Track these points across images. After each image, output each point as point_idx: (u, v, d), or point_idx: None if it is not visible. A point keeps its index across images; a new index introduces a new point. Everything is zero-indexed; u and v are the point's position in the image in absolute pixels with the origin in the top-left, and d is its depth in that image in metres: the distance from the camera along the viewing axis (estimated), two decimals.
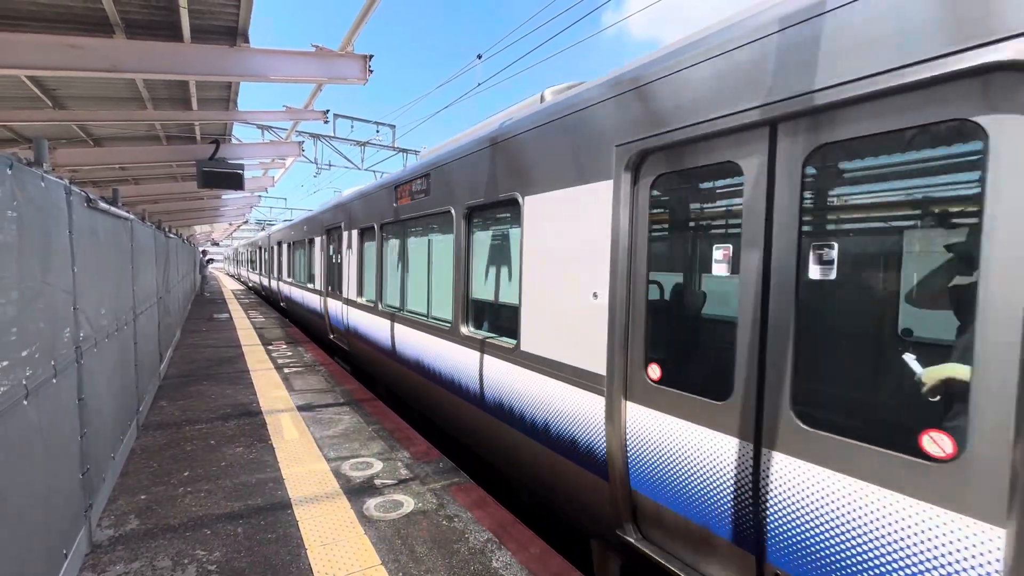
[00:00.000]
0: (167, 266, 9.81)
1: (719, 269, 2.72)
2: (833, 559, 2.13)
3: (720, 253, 2.75)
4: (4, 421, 2.16)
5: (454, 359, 5.26)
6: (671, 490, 2.89)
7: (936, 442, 1.85)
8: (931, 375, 2.01)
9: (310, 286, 12.77)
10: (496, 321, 4.88)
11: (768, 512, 2.38)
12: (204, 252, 36.68)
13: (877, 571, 1.97)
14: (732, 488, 2.54)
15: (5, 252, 2.26)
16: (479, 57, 11.90)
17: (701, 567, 2.78)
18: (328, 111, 9.75)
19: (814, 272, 2.26)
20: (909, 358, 2.11)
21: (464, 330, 5.09)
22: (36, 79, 6.87)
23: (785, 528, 2.31)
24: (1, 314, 2.19)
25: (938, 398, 1.97)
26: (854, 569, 2.05)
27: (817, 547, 2.20)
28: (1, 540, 2.11)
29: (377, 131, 17.22)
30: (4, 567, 2.14)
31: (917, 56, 1.84)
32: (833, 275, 2.23)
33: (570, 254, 3.58)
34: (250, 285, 34.68)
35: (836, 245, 2.24)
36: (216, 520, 3.75)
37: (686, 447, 2.78)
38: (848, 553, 2.08)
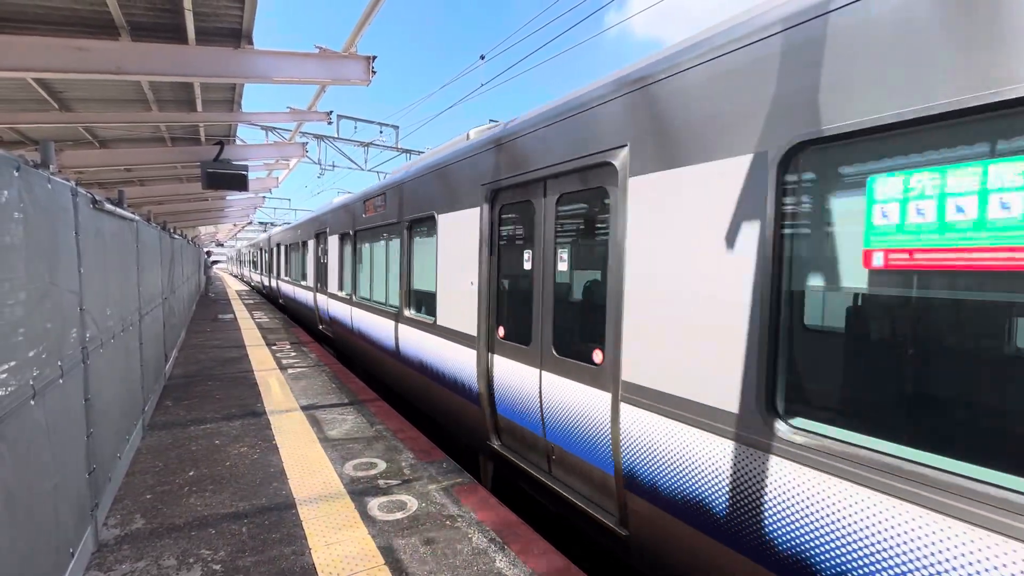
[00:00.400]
0: (172, 267, 9.86)
1: (527, 266, 4.37)
2: (563, 426, 3.86)
3: (527, 255, 4.39)
4: (12, 421, 2.18)
5: (401, 335, 6.90)
6: (510, 408, 4.55)
7: (597, 356, 3.51)
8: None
9: (303, 283, 14.44)
10: (426, 304, 6.32)
11: (544, 408, 4.07)
12: (208, 253, 36.86)
13: (577, 427, 3.69)
14: (531, 398, 4.24)
15: (12, 253, 2.27)
16: (482, 58, 11.92)
17: (524, 454, 4.48)
18: (332, 112, 9.78)
19: (560, 267, 4.00)
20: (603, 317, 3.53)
21: (407, 312, 6.71)
22: (42, 81, 6.92)
23: (550, 414, 4.00)
24: (8, 315, 2.20)
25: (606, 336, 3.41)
26: (570, 430, 3.78)
27: (559, 421, 3.91)
28: (9, 539, 2.13)
29: (380, 132, 17.26)
30: (12, 566, 2.16)
31: (588, 152, 3.52)
32: (566, 268, 4.00)
33: (461, 255, 5.22)
34: (252, 284, 35.91)
35: (568, 251, 3.99)
36: (221, 519, 3.77)
37: (514, 377, 4.45)
38: (568, 422, 3.79)
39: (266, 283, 25.41)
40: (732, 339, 2.55)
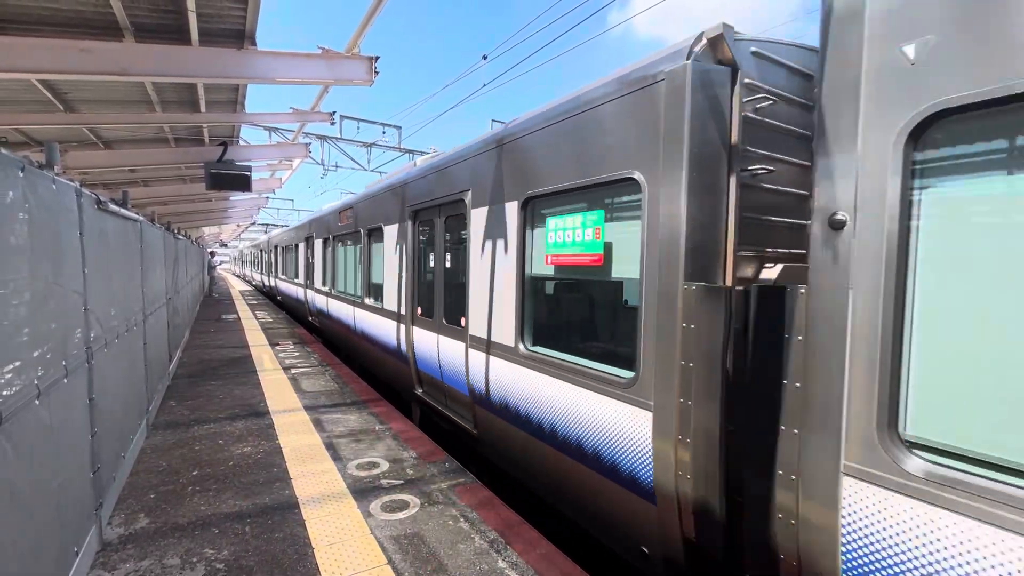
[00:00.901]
0: (176, 267, 9.90)
1: (431, 264, 6.24)
2: (449, 370, 5.60)
3: (431, 256, 6.28)
4: (17, 420, 2.19)
5: (361, 318, 8.89)
6: (423, 363, 6.37)
7: (462, 322, 5.23)
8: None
9: (296, 281, 16.72)
10: (378, 294, 8.13)
11: (439, 358, 5.85)
12: (212, 254, 37.00)
13: (454, 369, 5.45)
14: (434, 354, 6.01)
15: (17, 254, 2.29)
16: (485, 58, 11.92)
17: (434, 395, 6.28)
18: (335, 113, 9.78)
19: (447, 264, 5.75)
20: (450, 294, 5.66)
21: (366, 300, 8.66)
22: (47, 83, 6.95)
23: (443, 363, 5.74)
24: (14, 315, 2.22)
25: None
26: (451, 372, 5.52)
27: (447, 367, 5.64)
28: (14, 538, 2.14)
29: (383, 132, 17.28)
30: (17, 565, 2.17)
31: (457, 190, 5.40)
32: (450, 265, 5.69)
33: (398, 256, 7.12)
34: (253, 283, 38.15)
35: (451, 253, 5.72)
36: (224, 519, 3.79)
37: (426, 341, 6.26)
38: (450, 366, 5.52)
39: (266, 282, 27.87)
40: (509, 304, 4.47)
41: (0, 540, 2.03)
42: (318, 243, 12.66)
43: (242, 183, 10.60)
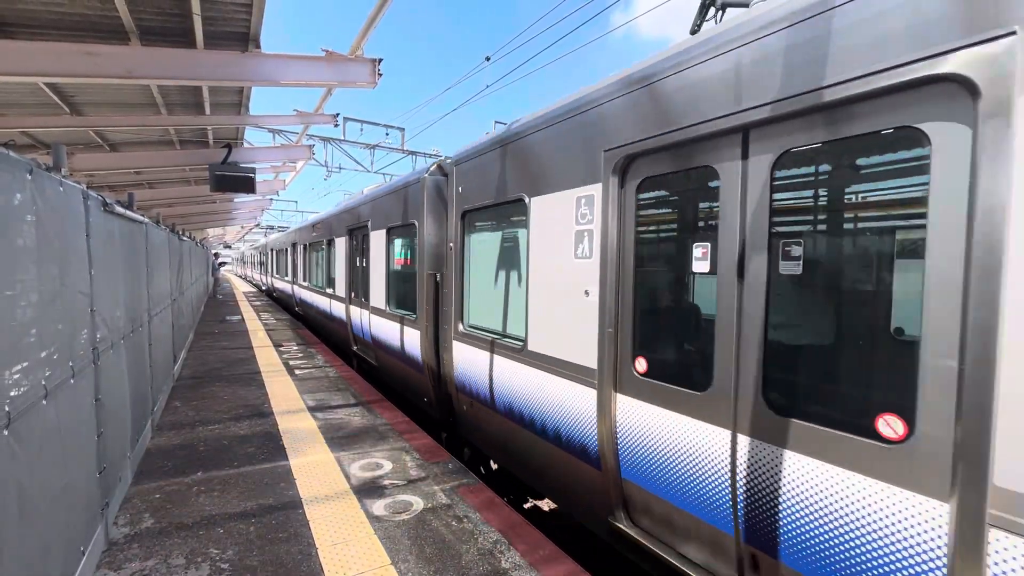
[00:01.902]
0: (180, 269, 9.95)
1: (358, 263, 9.65)
2: (365, 331, 9.18)
3: (357, 258, 9.70)
4: (24, 421, 2.21)
5: (331, 305, 11.78)
6: (355, 328, 9.78)
7: (371, 299, 8.60)
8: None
9: (286, 278, 20.53)
10: (333, 285, 11.34)
11: (361, 323, 9.40)
12: (216, 255, 37.18)
13: (365, 329, 9.25)
14: (358, 321, 9.54)
15: (25, 255, 2.31)
16: (487, 59, 11.94)
17: (363, 350, 9.49)
18: (338, 115, 9.81)
19: (366, 263, 9.15)
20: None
21: (327, 290, 12.02)
22: (54, 86, 7.00)
23: (362, 324, 9.30)
24: (21, 316, 2.24)
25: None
26: (367, 331, 9.05)
27: (365, 329, 9.21)
28: (22, 537, 2.16)
29: (387, 134, 17.34)
30: (25, 564, 2.19)
31: (364, 221, 9.51)
32: (358, 264, 9.82)
33: (342, 258, 10.62)
34: (254, 282, 41.80)
35: (367, 256, 8.91)
36: (229, 519, 3.80)
37: (356, 314, 9.65)
38: (367, 328, 9.00)
39: (265, 280, 31.68)
40: (383, 287, 7.88)
41: (8, 539, 2.05)
42: (300, 248, 16.60)
43: (246, 185, 10.63)
